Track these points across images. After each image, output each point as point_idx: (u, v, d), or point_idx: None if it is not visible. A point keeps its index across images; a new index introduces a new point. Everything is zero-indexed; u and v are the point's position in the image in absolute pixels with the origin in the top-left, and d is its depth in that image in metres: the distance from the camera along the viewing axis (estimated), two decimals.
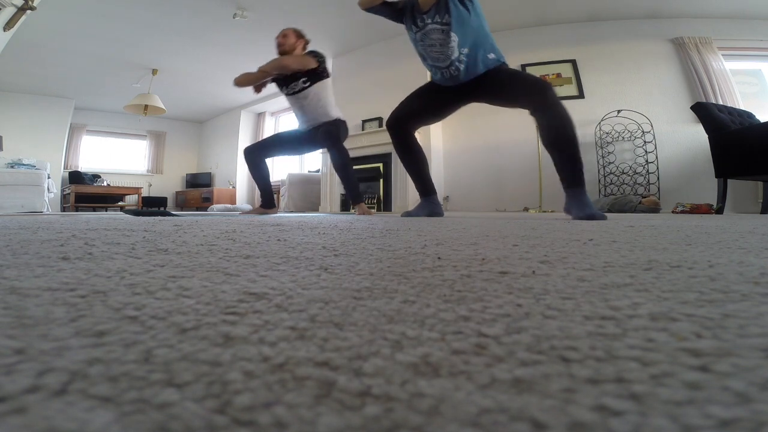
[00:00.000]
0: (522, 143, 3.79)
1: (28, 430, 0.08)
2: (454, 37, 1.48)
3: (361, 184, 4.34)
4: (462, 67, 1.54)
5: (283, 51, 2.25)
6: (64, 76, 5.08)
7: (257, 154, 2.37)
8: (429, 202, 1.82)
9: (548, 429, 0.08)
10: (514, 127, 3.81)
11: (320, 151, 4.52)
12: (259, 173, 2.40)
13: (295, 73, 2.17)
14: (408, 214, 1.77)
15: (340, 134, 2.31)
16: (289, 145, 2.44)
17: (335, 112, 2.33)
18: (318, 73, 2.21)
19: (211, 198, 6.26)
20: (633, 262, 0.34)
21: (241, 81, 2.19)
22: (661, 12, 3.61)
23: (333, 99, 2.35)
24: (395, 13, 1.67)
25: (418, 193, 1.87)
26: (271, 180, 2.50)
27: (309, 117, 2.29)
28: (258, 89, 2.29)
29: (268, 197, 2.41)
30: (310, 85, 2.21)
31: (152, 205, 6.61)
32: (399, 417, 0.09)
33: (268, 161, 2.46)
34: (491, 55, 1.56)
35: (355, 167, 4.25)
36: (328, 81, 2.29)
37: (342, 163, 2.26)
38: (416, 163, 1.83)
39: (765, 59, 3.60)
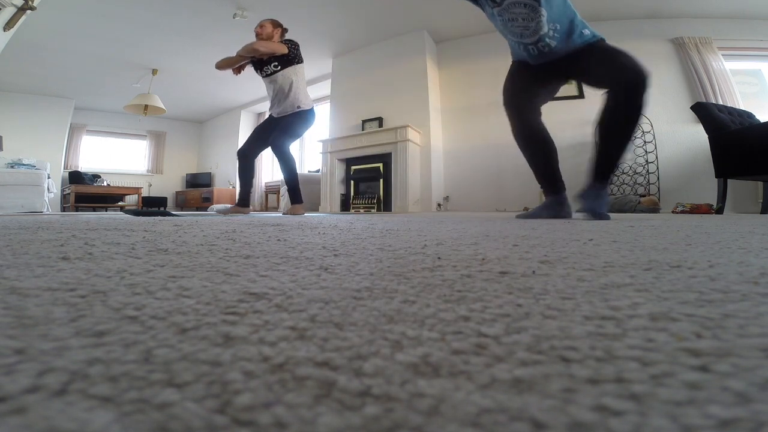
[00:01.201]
0: None
1: (28, 430, 0.08)
2: (544, 12, 1.38)
3: (361, 184, 4.35)
4: (554, 42, 1.45)
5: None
6: (64, 76, 5.08)
7: (250, 155, 2.47)
8: (555, 202, 1.54)
9: (548, 429, 0.08)
10: None
11: (319, 151, 4.55)
12: (246, 175, 2.49)
13: (269, 57, 2.33)
14: (527, 215, 1.54)
15: (301, 129, 2.46)
16: (266, 135, 2.51)
17: (304, 101, 2.44)
18: (289, 59, 2.35)
19: (211, 198, 6.26)
20: (633, 262, 0.34)
21: (221, 64, 2.39)
22: (661, 12, 3.61)
23: (304, 85, 2.48)
24: None
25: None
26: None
27: (280, 102, 2.42)
28: (237, 71, 2.45)
29: (246, 197, 2.53)
30: (280, 69, 2.34)
31: (152, 205, 6.61)
32: (399, 417, 0.09)
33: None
34: (586, 31, 1.47)
35: (355, 167, 4.29)
36: (299, 67, 2.41)
37: (287, 167, 2.40)
38: (542, 151, 1.58)
39: (765, 59, 3.60)
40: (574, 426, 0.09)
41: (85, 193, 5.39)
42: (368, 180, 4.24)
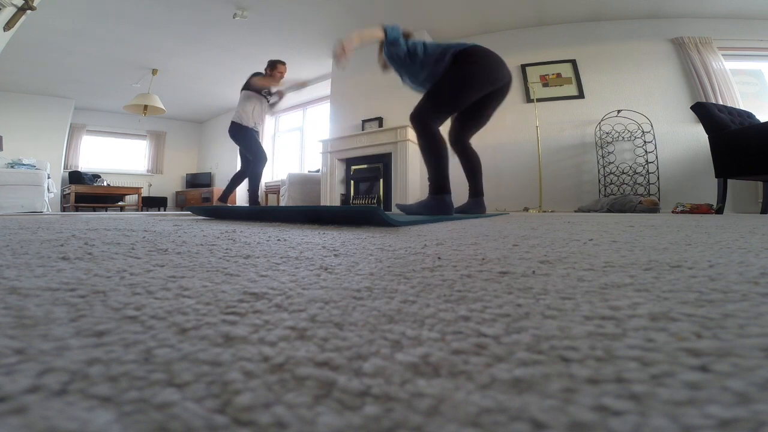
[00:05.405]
0: (522, 143, 3.79)
1: (28, 430, 0.08)
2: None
3: (361, 184, 4.35)
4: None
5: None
6: (64, 76, 5.08)
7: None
8: (443, 201, 1.82)
9: (548, 429, 0.08)
10: (514, 127, 3.81)
11: (319, 151, 4.55)
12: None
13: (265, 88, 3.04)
14: (408, 209, 1.74)
15: None
16: None
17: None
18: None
19: (211, 198, 6.26)
20: (633, 262, 0.34)
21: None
22: (661, 12, 3.61)
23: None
24: None
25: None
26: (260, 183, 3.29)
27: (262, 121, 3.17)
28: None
29: (228, 194, 3.13)
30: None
31: (152, 205, 6.62)
32: (399, 417, 0.09)
33: (267, 164, 3.20)
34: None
35: (355, 167, 4.30)
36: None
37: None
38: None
39: (765, 59, 3.60)
40: (574, 426, 0.09)
41: (85, 193, 5.39)
42: (368, 180, 4.23)
